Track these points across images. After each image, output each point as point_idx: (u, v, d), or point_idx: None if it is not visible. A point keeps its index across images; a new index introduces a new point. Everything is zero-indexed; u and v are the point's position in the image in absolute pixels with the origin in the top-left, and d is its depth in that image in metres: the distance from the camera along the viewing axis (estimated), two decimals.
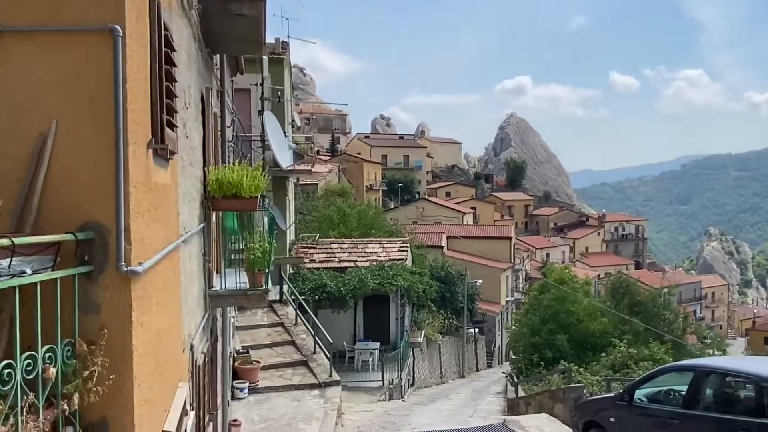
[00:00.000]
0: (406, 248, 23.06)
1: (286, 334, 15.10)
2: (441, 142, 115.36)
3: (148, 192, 3.13)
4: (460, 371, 38.89)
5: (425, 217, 66.38)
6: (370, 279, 19.17)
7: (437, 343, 32.28)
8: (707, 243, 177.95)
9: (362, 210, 29.13)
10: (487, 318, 47.52)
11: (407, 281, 20.07)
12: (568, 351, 25.67)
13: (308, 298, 18.60)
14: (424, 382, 28.52)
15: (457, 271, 39.22)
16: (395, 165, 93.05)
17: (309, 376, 13.39)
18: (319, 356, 14.12)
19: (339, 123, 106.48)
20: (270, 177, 18.32)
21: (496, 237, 55.49)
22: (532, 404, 12.95)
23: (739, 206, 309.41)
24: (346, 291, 18.56)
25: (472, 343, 42.83)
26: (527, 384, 17.96)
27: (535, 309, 27.82)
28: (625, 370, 17.00)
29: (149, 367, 3.01)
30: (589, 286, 28.20)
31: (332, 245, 23.33)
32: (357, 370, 19.67)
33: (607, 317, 27.34)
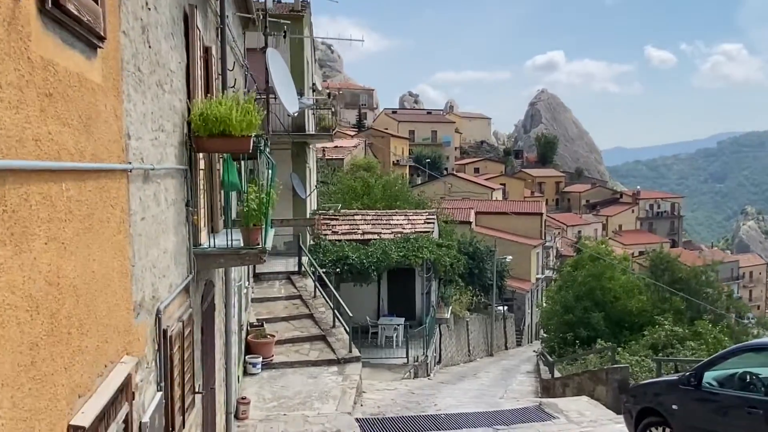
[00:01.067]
0: (432, 220, 21.90)
1: (304, 307, 14.16)
2: (470, 117, 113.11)
3: (34, 71, 2.06)
4: (489, 349, 37.84)
5: (453, 193, 64.91)
6: (395, 251, 18.10)
7: (465, 320, 31.22)
8: (744, 222, 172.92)
9: (387, 181, 27.97)
10: (517, 295, 46.21)
11: (434, 254, 18.95)
12: (603, 330, 24.38)
13: (329, 271, 17.62)
14: (452, 359, 27.53)
15: (486, 247, 37.95)
16: (423, 140, 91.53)
17: (327, 352, 12.44)
18: (338, 331, 13.16)
19: (366, 98, 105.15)
20: (291, 142, 17.33)
21: (526, 213, 53.86)
22: (570, 386, 11.81)
23: None
24: (368, 263, 17.53)
25: (501, 320, 41.68)
26: (562, 364, 16.77)
27: (569, 285, 26.49)
28: (669, 350, 15.69)
29: (21, 330, 1.96)
30: (627, 262, 26.74)
31: (355, 216, 22.29)
32: (380, 347, 18.72)
33: (646, 295, 25.89)
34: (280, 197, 17.66)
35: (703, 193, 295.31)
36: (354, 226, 21.54)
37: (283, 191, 18.12)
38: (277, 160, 17.73)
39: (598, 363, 15.74)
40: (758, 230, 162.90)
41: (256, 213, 5.31)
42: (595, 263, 25.34)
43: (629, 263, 26.81)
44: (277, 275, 15.66)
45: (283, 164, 17.38)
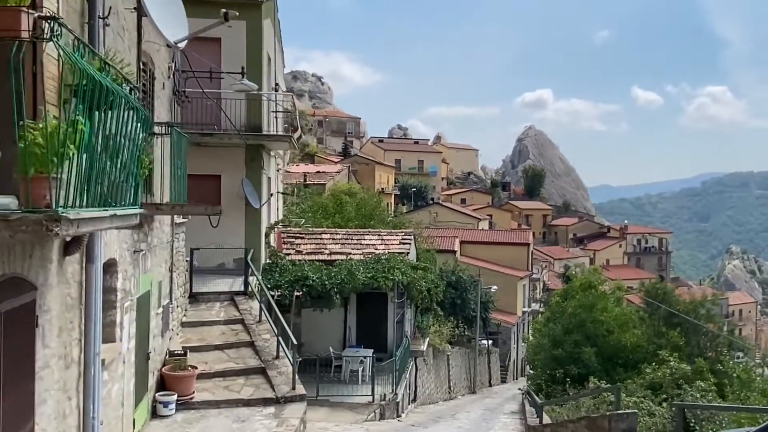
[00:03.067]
0: (409, 241, 19.74)
1: (245, 333, 11.84)
2: (457, 148, 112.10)
3: None
4: (471, 386, 35.34)
5: (439, 222, 62.94)
6: (362, 272, 15.86)
7: (445, 353, 28.82)
8: (729, 261, 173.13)
9: (362, 199, 25.84)
10: (502, 329, 43.90)
11: (408, 277, 16.73)
12: (595, 366, 22.12)
13: (285, 294, 15.34)
14: (429, 397, 25.05)
15: (470, 276, 35.80)
16: (409, 170, 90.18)
17: (265, 389, 10.10)
18: (283, 363, 10.84)
19: (352, 127, 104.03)
20: (245, 144, 15.20)
21: (512, 243, 51.89)
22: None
23: (761, 225, 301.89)
24: (331, 285, 15.27)
25: (485, 355, 39.25)
26: (552, 406, 14.45)
27: (558, 317, 24.27)
28: (676, 391, 13.47)
29: None
30: (622, 292, 24.65)
31: (323, 235, 20.09)
32: (344, 382, 16.33)
33: (640, 329, 23.73)
34: (230, 206, 15.49)
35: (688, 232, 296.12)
36: (321, 245, 19.34)
37: (235, 200, 15.97)
38: (227, 164, 15.61)
39: (593, 407, 13.49)
40: (743, 269, 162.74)
41: (42, 153, 3.08)
42: (586, 293, 23.22)
43: (623, 293, 24.72)
44: (219, 296, 13.35)
45: (234, 169, 15.23)
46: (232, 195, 15.25)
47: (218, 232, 15.11)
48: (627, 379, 20.73)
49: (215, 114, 14.73)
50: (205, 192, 15.26)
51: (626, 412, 8.08)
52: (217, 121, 14.90)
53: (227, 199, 15.32)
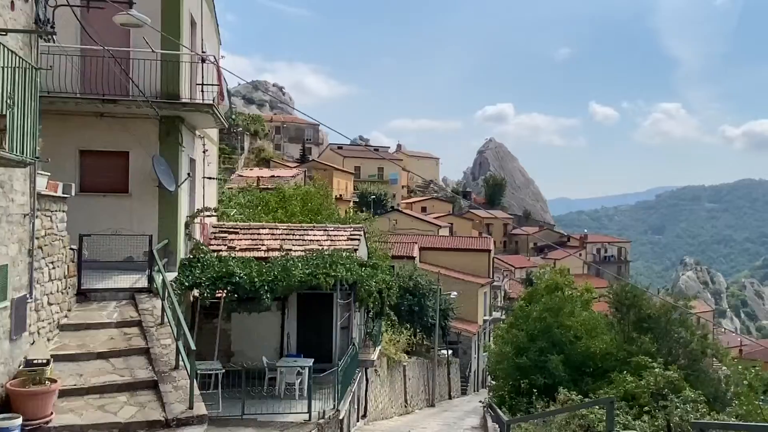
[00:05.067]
0: (358, 236, 17.55)
1: (140, 338, 9.43)
2: (418, 156, 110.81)
3: None
4: (430, 399, 33.21)
5: (398, 229, 60.99)
6: (300, 268, 13.57)
7: (401, 364, 26.62)
8: (683, 272, 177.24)
9: (307, 192, 23.52)
10: (463, 338, 41.99)
11: (354, 274, 14.51)
12: (562, 376, 20.24)
13: (205, 292, 12.95)
14: (383, 412, 22.80)
15: (429, 282, 33.79)
16: (369, 177, 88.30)
17: (153, 408, 7.73)
18: (183, 375, 8.47)
19: (311, 133, 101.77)
20: (158, 116, 12.82)
21: (473, 249, 50.23)
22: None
23: (712, 237, 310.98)
24: (261, 283, 12.93)
25: (445, 366, 37.21)
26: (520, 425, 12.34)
27: (522, 323, 22.36)
28: (662, 403, 11.57)
29: None
30: (591, 294, 22.93)
31: (260, 230, 17.74)
32: (278, 397, 13.98)
33: (609, 335, 22.01)
34: (140, 189, 13.04)
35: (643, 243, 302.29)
36: (257, 241, 16.99)
37: (146, 182, 13.53)
38: (136, 138, 13.10)
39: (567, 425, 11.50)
40: (696, 280, 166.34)
41: None
42: (552, 295, 21.40)
43: (592, 295, 22.99)
44: (117, 293, 10.90)
45: (145, 145, 12.82)
46: (142, 176, 12.83)
47: (125, 217, 12.71)
48: (596, 389, 18.92)
49: (123, 79, 12.34)
50: (110, 171, 12.85)
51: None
52: (125, 89, 12.52)
53: (137, 181, 12.90)
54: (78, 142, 12.82)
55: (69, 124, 12.67)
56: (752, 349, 69.29)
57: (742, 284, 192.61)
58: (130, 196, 12.92)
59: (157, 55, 12.42)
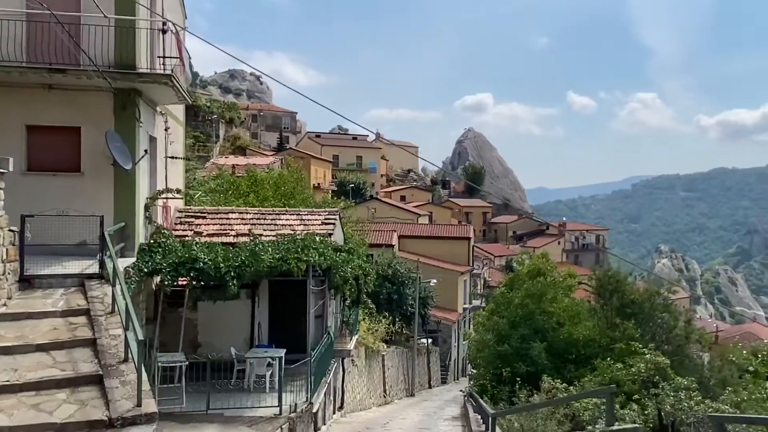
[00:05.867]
0: (333, 221, 16.68)
1: (87, 328, 8.52)
2: (397, 145, 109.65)
3: None
4: (410, 389, 32.60)
5: (377, 218, 60.23)
6: (270, 253, 12.69)
7: (380, 353, 25.90)
8: (658, 260, 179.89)
9: (280, 175, 22.54)
10: (443, 327, 41.44)
11: (328, 259, 13.67)
12: (545, 363, 19.70)
13: (166, 279, 12.01)
14: (361, 403, 22.08)
15: (408, 270, 33.07)
16: (347, 166, 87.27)
17: (95, 406, 6.85)
18: (132, 368, 7.58)
19: (288, 122, 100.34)
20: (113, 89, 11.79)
21: (453, 237, 49.64)
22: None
23: (687, 225, 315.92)
24: (227, 268, 12.02)
25: (424, 355, 36.64)
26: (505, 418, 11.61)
27: (503, 309, 21.76)
28: (653, 390, 10.97)
29: None
30: (574, 279, 22.41)
31: (230, 215, 16.79)
32: (248, 390, 13.13)
33: (592, 321, 21.53)
34: (94, 168, 12.01)
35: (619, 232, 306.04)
36: (226, 226, 16.05)
37: (100, 160, 12.49)
38: (89, 113, 12.01)
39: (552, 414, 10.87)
40: (672, 267, 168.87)
41: None
42: (534, 281, 20.81)
43: (575, 280, 22.47)
44: (65, 280, 9.93)
45: (99, 120, 11.81)
46: (96, 153, 11.81)
47: (78, 198, 11.69)
48: (580, 376, 18.41)
49: (72, 47, 11.29)
50: (60, 148, 11.82)
51: (624, 428, 5.36)
52: (76, 58, 11.48)
53: (90, 159, 11.88)
54: (24, 116, 11.75)
55: (14, 97, 11.61)
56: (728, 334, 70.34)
57: (716, 271, 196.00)
58: (82, 175, 11.90)
59: (110, 20, 11.40)
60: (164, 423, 11.31)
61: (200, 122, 69.84)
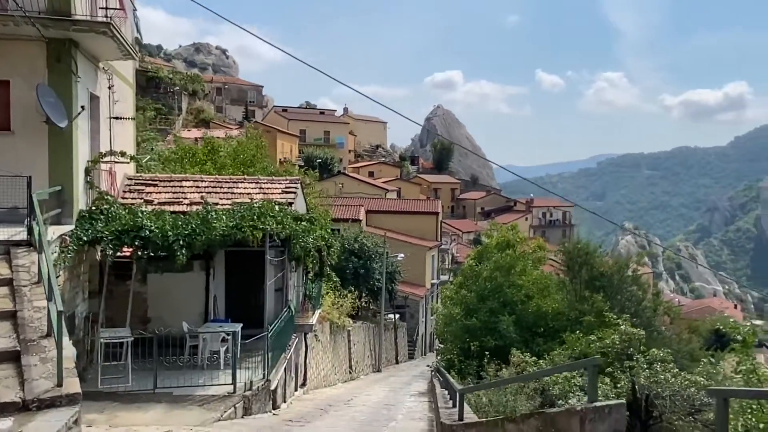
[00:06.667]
0: (294, 189, 15.80)
1: (8, 299, 7.56)
2: (365, 120, 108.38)
3: None
4: (376, 364, 32.18)
5: (345, 193, 59.31)
6: (224, 221, 11.78)
7: (346, 329, 25.28)
8: (622, 237, 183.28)
9: (239, 143, 21.42)
10: (410, 302, 41.05)
11: (287, 228, 12.82)
12: (513, 337, 19.31)
13: (107, 248, 11.03)
14: (325, 379, 21.46)
15: (375, 244, 32.40)
16: (315, 141, 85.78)
17: (8, 385, 5.98)
18: (53, 344, 6.67)
19: (254, 95, 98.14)
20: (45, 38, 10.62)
21: (421, 212, 49.10)
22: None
23: (650, 203, 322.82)
24: (175, 237, 11.09)
25: (392, 330, 36.22)
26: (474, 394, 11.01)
27: (471, 282, 21.26)
28: (626, 363, 10.51)
29: None
30: (543, 252, 22.00)
31: (183, 183, 15.78)
32: (202, 367, 12.32)
33: (561, 294, 21.21)
34: (25, 126, 10.84)
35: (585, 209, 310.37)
36: (179, 194, 15.05)
37: (32, 117, 11.34)
38: (19, 65, 10.67)
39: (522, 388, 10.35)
40: (635, 244, 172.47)
41: None
42: (503, 254, 20.33)
43: (544, 252, 22.08)
44: None
45: (31, 73, 10.65)
46: (27, 109, 10.67)
47: (7, 159, 10.56)
48: (548, 350, 18.05)
49: None
50: None
51: (608, 405, 4.72)
52: (1, 2, 10.27)
53: (20, 116, 10.75)
54: None
55: None
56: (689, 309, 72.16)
57: (677, 248, 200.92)
58: (12, 134, 10.78)
59: None
60: (106, 403, 10.47)
61: (162, 94, 67.58)
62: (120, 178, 14.61)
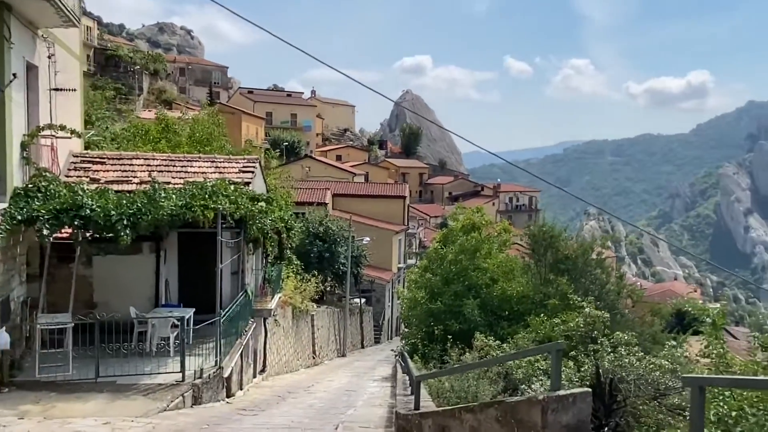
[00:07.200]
0: (252, 168, 15.13)
1: None
2: (333, 103, 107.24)
3: None
4: (341, 349, 31.77)
5: (311, 177, 58.47)
6: (174, 199, 11.08)
7: (309, 313, 24.75)
8: (586, 222, 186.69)
9: (195, 120, 20.54)
10: (376, 286, 40.69)
11: (243, 208, 12.19)
12: (478, 320, 19.07)
13: (43, 228, 10.25)
14: (287, 365, 20.96)
15: (340, 228, 31.85)
16: (281, 124, 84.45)
17: None
18: None
19: (219, 76, 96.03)
20: None
21: (388, 196, 48.68)
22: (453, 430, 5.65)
23: (614, 189, 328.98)
24: (118, 217, 10.36)
25: (357, 315, 35.84)
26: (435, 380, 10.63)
27: (436, 266, 20.93)
28: (591, 347, 10.25)
29: None
30: (509, 234, 21.79)
31: (134, 161, 14.96)
32: (151, 354, 11.67)
33: (526, 277, 21.04)
34: None
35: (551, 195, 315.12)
36: (129, 173, 14.26)
37: None
38: None
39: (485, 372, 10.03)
40: (599, 229, 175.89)
41: None
42: (468, 236, 20.02)
43: (510, 235, 21.86)
44: None
45: None
46: None
47: None
48: (513, 333, 17.86)
49: None
50: None
51: (573, 393, 4.32)
52: None
53: None
54: None
55: None
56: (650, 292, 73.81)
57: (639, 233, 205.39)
58: None
59: None
60: (43, 393, 9.77)
61: (122, 73, 65.54)
62: (64, 155, 13.74)
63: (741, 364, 6.77)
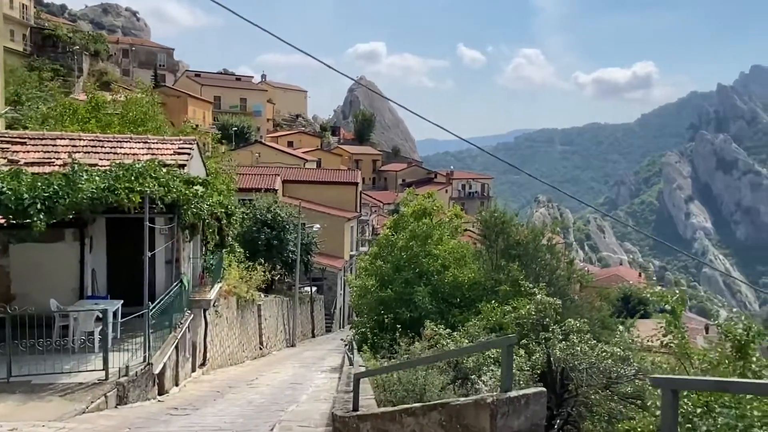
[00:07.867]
0: (189, 150, 14.15)
1: None
2: (284, 88, 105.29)
3: None
4: (291, 339, 30.97)
5: (262, 163, 57.05)
6: (96, 182, 10.09)
7: (256, 303, 23.86)
8: (536, 209, 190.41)
9: (129, 99, 19.28)
10: (328, 274, 39.95)
11: (175, 192, 11.27)
12: (429, 308, 18.64)
13: None
14: (231, 357, 20.07)
15: (290, 215, 30.93)
16: (231, 108, 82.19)
17: None
18: None
19: (164, 58, 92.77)
20: None
21: (340, 182, 47.87)
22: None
23: (563, 176, 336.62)
24: (32, 200, 9.34)
25: (308, 303, 35.06)
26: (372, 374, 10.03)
27: (387, 253, 20.38)
28: (542, 334, 9.85)
29: None
30: (460, 220, 21.40)
31: (57, 141, 13.78)
32: (73, 351, 10.70)
33: (478, 264, 20.72)
34: None
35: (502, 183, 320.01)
36: (52, 153, 13.11)
37: None
38: None
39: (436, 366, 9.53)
40: (549, 216, 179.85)
41: None
42: (420, 222, 19.53)
43: (461, 220, 21.49)
44: None
45: None
46: None
47: None
48: (464, 321, 17.51)
49: None
50: None
51: (525, 394, 3.76)
52: None
53: None
54: None
55: None
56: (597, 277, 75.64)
57: (586, 219, 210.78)
58: None
59: None
60: None
61: (60, 54, 62.36)
62: None
63: (699, 354, 6.45)
